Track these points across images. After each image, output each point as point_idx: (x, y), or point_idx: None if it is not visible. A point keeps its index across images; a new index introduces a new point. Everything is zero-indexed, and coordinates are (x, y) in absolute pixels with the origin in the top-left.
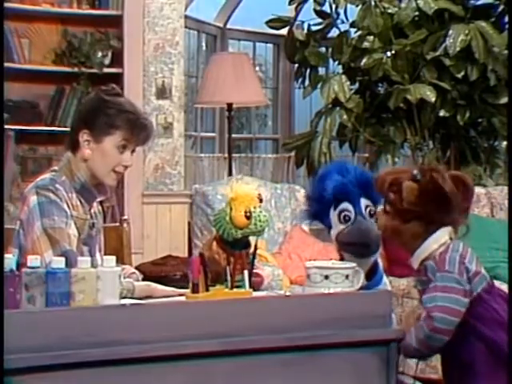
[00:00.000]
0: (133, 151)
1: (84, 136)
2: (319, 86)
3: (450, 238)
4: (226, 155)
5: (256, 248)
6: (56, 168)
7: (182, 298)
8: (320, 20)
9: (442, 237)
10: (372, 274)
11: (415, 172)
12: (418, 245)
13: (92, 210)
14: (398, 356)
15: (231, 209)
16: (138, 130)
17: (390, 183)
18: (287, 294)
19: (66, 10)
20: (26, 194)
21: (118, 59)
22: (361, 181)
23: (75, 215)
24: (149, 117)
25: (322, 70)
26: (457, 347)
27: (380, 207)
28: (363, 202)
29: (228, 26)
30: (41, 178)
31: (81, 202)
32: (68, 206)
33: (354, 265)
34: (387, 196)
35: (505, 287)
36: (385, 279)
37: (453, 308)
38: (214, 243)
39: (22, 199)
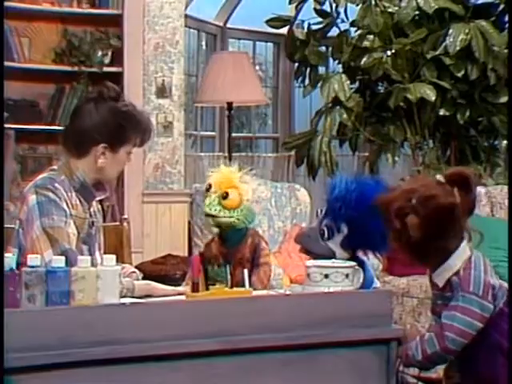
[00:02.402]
0: None
1: (102, 149)
2: (319, 85)
3: (470, 250)
4: (226, 154)
5: (256, 247)
6: (55, 167)
7: (182, 297)
8: (320, 19)
9: (463, 252)
10: None
11: (414, 202)
12: (438, 263)
13: (91, 209)
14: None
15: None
16: (147, 135)
17: (395, 213)
18: (287, 293)
19: (66, 9)
20: (25, 193)
21: (118, 58)
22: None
23: (74, 214)
24: (149, 115)
25: (322, 69)
26: (480, 362)
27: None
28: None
29: (228, 25)
30: (40, 178)
31: (80, 200)
32: (67, 205)
33: (353, 264)
34: (392, 223)
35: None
36: (376, 285)
37: (467, 331)
38: (213, 244)
39: (21, 198)
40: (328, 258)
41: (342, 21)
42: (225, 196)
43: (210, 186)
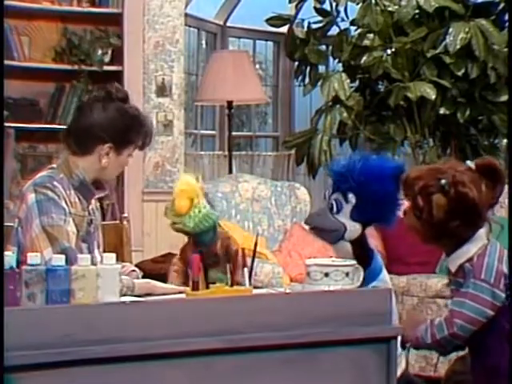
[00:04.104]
0: None
1: (106, 149)
2: (319, 83)
3: (487, 239)
4: (226, 153)
5: (256, 246)
6: (54, 165)
7: (182, 296)
8: (320, 18)
9: (479, 240)
10: (364, 267)
11: (443, 182)
12: (453, 248)
13: (90, 207)
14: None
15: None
16: (148, 139)
17: (419, 190)
18: (287, 291)
19: (66, 7)
20: (23, 191)
21: (117, 57)
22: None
23: (73, 212)
24: (149, 115)
25: (322, 68)
26: (488, 351)
27: (406, 203)
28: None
29: (228, 24)
30: (39, 176)
31: (79, 198)
32: (66, 203)
33: (354, 262)
34: (415, 200)
35: None
36: (384, 276)
37: (476, 319)
38: (187, 247)
39: (20, 197)
40: (338, 232)
41: (342, 19)
42: (173, 202)
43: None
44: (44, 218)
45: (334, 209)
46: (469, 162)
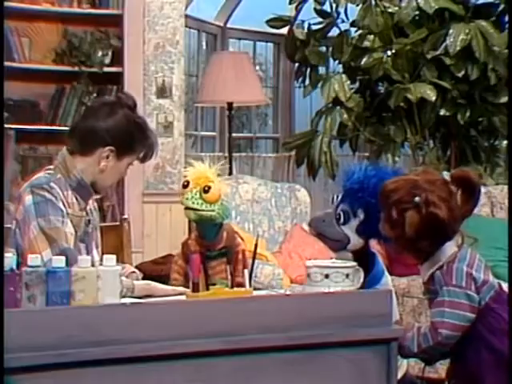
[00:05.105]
0: None
1: (107, 152)
2: (319, 85)
3: (458, 246)
4: (227, 154)
5: (256, 247)
6: (51, 167)
7: (183, 297)
8: (320, 19)
9: (449, 249)
10: (366, 272)
11: (417, 200)
12: (424, 257)
13: (88, 207)
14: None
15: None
16: (150, 153)
17: (394, 203)
18: (287, 293)
19: (67, 9)
20: (20, 193)
21: (118, 58)
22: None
23: (71, 213)
24: (156, 135)
25: (322, 70)
26: (466, 357)
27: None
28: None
29: (228, 25)
30: (35, 177)
31: (77, 199)
32: (63, 204)
33: (354, 264)
34: (390, 211)
35: (506, 286)
36: (386, 279)
37: (459, 325)
38: (190, 241)
39: (17, 198)
40: (342, 242)
41: (343, 21)
42: (206, 190)
43: (187, 182)
44: (41, 219)
45: (341, 220)
46: (445, 174)
